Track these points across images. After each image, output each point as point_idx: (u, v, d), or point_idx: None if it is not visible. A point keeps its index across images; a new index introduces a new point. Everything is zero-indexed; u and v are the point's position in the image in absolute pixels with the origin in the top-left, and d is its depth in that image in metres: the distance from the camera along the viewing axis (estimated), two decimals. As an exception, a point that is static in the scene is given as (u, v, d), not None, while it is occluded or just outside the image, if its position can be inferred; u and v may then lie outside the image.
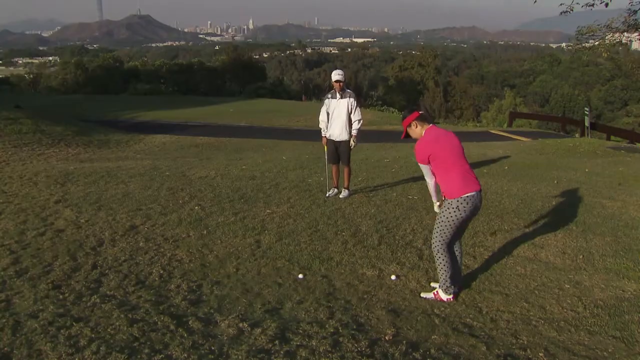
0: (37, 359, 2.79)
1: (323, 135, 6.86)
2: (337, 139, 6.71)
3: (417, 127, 3.90)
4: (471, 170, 3.90)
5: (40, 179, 7.48)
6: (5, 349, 2.89)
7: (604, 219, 6.10)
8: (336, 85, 6.56)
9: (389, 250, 4.99)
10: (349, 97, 6.61)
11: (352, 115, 6.64)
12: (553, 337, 3.40)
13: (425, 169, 3.92)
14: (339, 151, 6.79)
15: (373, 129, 18.33)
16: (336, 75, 6.59)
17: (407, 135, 4.00)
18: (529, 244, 5.23)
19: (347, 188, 6.98)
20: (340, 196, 6.86)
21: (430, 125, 3.92)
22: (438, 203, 4.04)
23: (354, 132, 6.71)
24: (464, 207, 3.76)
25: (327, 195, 6.92)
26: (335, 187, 7.06)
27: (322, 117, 6.78)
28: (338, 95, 6.62)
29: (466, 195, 3.76)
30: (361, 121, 6.73)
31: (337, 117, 6.62)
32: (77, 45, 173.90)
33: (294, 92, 41.05)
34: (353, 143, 6.73)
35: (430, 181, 3.96)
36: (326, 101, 6.74)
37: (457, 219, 3.78)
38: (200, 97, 34.40)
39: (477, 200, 3.82)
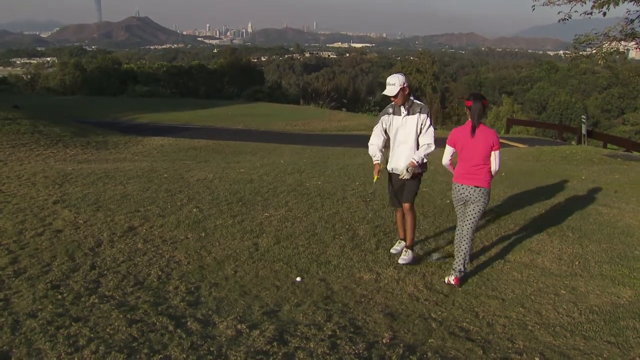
0: (36, 358, 2.80)
1: (376, 162, 4.88)
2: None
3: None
4: None
5: (38, 179, 7.47)
6: (5, 347, 2.89)
7: (600, 226, 6.15)
8: (396, 101, 4.65)
9: (386, 255, 5.02)
10: (420, 111, 4.62)
11: (420, 137, 4.66)
12: (549, 342, 3.44)
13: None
14: (403, 187, 4.84)
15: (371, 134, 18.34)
16: (390, 85, 4.56)
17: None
18: (525, 250, 5.27)
19: (411, 247, 4.86)
20: (400, 260, 4.79)
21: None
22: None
23: (415, 158, 4.61)
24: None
25: (394, 251, 5.04)
26: (402, 239, 5.08)
27: (375, 139, 4.90)
28: (404, 111, 4.67)
29: None
30: (432, 146, 4.64)
31: (403, 143, 4.71)
32: (76, 46, 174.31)
33: (292, 96, 41.02)
34: (408, 171, 4.62)
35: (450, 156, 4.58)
36: (385, 118, 4.81)
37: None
38: (199, 99, 34.39)
39: None
